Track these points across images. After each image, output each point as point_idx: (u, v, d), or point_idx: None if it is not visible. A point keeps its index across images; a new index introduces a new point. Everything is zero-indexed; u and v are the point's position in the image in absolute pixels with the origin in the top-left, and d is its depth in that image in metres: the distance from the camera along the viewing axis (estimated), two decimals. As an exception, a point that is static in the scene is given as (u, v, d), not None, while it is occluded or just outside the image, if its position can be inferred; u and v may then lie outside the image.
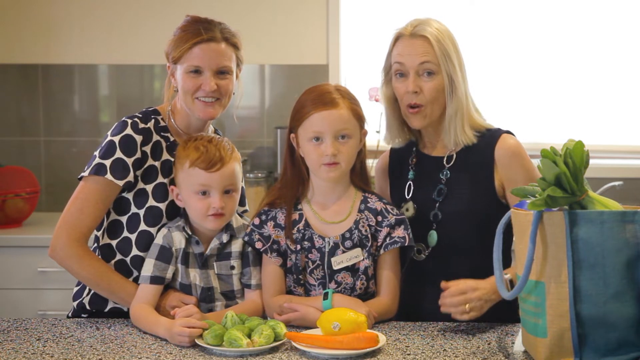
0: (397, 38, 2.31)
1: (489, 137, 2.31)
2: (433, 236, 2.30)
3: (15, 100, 4.11)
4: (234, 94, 2.36)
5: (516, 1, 4.07)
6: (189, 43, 2.26)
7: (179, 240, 2.21)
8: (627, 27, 4.06)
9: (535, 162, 1.85)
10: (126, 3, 4.06)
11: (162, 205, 2.27)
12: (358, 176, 2.27)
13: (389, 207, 2.25)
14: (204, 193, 2.17)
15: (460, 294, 2.07)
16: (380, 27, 3.95)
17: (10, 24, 4.07)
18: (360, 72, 4.06)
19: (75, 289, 2.37)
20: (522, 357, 1.89)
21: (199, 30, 2.26)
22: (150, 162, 2.27)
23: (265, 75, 4.11)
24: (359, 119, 2.21)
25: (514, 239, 1.94)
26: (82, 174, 2.25)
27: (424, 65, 2.25)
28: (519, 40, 4.07)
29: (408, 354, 1.91)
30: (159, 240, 2.21)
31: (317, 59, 4.06)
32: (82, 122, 4.11)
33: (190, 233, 2.21)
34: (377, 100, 2.50)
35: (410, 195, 2.36)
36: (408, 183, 2.38)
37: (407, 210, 2.32)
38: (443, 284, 2.11)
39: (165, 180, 2.28)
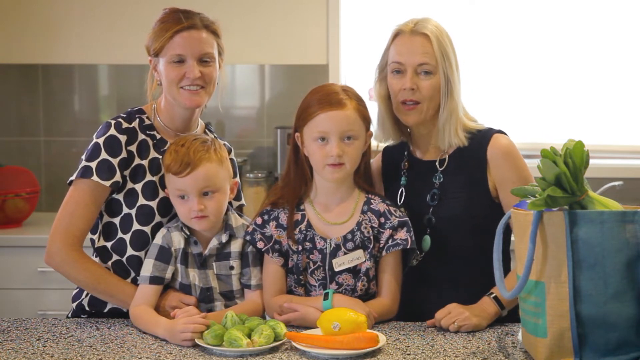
0: (397, 35, 2.30)
1: (481, 137, 2.30)
2: (427, 241, 2.30)
3: (15, 100, 4.11)
4: (217, 84, 2.35)
5: (516, 1, 4.07)
6: (170, 32, 2.25)
7: (178, 241, 2.20)
8: (627, 27, 4.06)
9: (535, 162, 1.85)
10: (126, 3, 4.06)
11: (153, 203, 2.26)
12: (362, 177, 2.27)
13: (392, 208, 2.24)
14: (183, 197, 2.17)
15: (450, 319, 2.08)
16: (381, 27, 3.95)
17: (10, 24, 4.07)
18: (360, 72, 4.06)
19: (75, 290, 2.37)
20: (522, 357, 1.89)
21: (179, 18, 2.26)
22: (137, 161, 2.27)
23: (265, 75, 4.11)
24: (365, 120, 2.20)
25: (514, 238, 1.94)
26: (71, 178, 2.26)
27: (422, 66, 2.24)
28: (519, 41, 4.07)
29: (408, 354, 1.91)
30: (158, 240, 2.21)
31: (317, 59, 4.06)
32: (82, 122, 4.11)
33: (188, 233, 2.21)
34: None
35: (402, 201, 2.36)
36: (400, 189, 2.38)
37: None
38: (429, 322, 2.13)
39: (154, 178, 2.28)
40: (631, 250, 1.76)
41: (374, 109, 2.37)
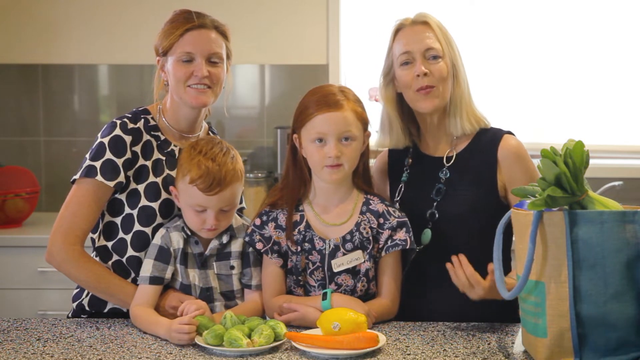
0: (398, 30, 2.32)
1: (491, 137, 2.31)
2: (427, 234, 2.30)
3: (15, 100, 4.11)
4: (223, 87, 2.35)
5: (516, 1, 4.07)
6: (180, 30, 2.26)
7: (177, 241, 2.20)
8: (627, 27, 4.06)
9: (535, 162, 1.85)
10: (126, 3, 4.06)
11: (155, 205, 2.26)
12: (361, 178, 2.27)
13: (390, 209, 2.24)
14: (200, 209, 2.16)
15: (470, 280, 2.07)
16: (380, 27, 3.95)
17: (10, 24, 4.07)
18: (360, 72, 4.07)
19: (75, 290, 2.37)
20: (522, 357, 1.89)
21: (190, 17, 2.27)
22: (141, 161, 2.27)
23: (265, 75, 4.11)
24: (363, 121, 2.20)
25: (514, 238, 1.94)
26: (74, 177, 2.25)
27: (429, 51, 2.26)
28: (519, 40, 4.07)
29: (408, 354, 1.91)
30: (157, 240, 2.21)
31: (317, 59, 4.06)
32: (82, 122, 4.11)
33: (189, 233, 2.21)
34: (377, 100, 2.50)
35: (399, 197, 2.36)
36: (400, 185, 2.38)
37: None
38: (461, 257, 2.10)
39: (157, 180, 2.28)
40: (631, 250, 1.76)
41: (372, 109, 2.37)
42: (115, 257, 2.27)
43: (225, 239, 2.22)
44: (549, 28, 4.06)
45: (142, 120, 2.31)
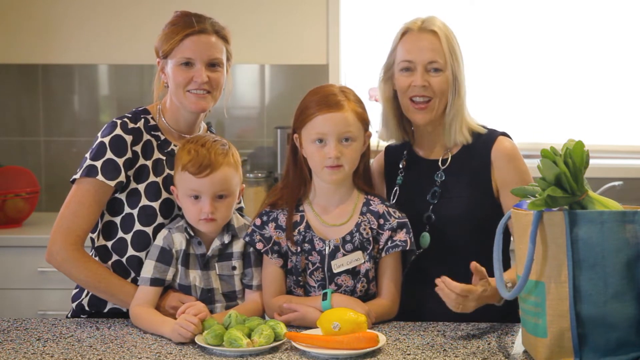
0: (405, 33, 2.31)
1: (486, 139, 2.31)
2: (426, 238, 2.30)
3: (15, 100, 4.10)
4: (223, 89, 2.36)
5: (516, 1, 4.07)
6: (180, 35, 2.25)
7: (179, 242, 2.20)
8: (627, 27, 4.06)
9: (535, 162, 1.85)
10: (126, 3, 4.06)
11: (155, 204, 2.26)
12: (361, 178, 2.26)
13: (391, 210, 2.24)
14: (196, 197, 2.16)
15: (462, 294, 2.04)
16: (381, 27, 3.95)
17: (10, 24, 4.07)
18: (360, 72, 4.06)
19: (74, 290, 2.37)
20: (522, 357, 1.90)
21: (191, 21, 2.27)
22: (141, 161, 2.27)
23: (265, 75, 4.11)
24: (363, 121, 2.20)
25: (513, 239, 1.94)
26: (74, 176, 2.25)
27: (432, 64, 2.25)
28: (519, 40, 4.07)
29: (408, 354, 1.91)
30: (159, 241, 2.21)
31: (317, 59, 4.06)
32: (82, 122, 4.11)
33: (192, 234, 2.21)
34: (377, 100, 2.50)
35: (394, 200, 2.36)
36: (395, 188, 2.38)
37: None
38: (444, 278, 2.07)
39: (158, 179, 2.28)
40: (631, 250, 1.76)
41: (373, 109, 2.36)
42: (115, 257, 2.27)
43: (227, 238, 2.22)
44: (548, 28, 4.06)
45: (142, 120, 2.31)
